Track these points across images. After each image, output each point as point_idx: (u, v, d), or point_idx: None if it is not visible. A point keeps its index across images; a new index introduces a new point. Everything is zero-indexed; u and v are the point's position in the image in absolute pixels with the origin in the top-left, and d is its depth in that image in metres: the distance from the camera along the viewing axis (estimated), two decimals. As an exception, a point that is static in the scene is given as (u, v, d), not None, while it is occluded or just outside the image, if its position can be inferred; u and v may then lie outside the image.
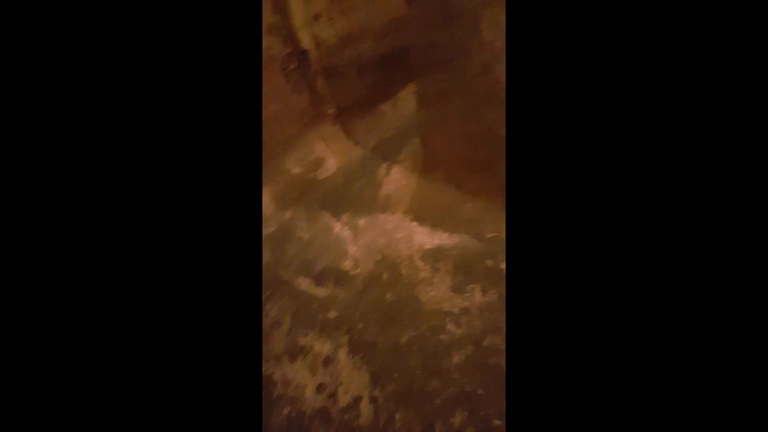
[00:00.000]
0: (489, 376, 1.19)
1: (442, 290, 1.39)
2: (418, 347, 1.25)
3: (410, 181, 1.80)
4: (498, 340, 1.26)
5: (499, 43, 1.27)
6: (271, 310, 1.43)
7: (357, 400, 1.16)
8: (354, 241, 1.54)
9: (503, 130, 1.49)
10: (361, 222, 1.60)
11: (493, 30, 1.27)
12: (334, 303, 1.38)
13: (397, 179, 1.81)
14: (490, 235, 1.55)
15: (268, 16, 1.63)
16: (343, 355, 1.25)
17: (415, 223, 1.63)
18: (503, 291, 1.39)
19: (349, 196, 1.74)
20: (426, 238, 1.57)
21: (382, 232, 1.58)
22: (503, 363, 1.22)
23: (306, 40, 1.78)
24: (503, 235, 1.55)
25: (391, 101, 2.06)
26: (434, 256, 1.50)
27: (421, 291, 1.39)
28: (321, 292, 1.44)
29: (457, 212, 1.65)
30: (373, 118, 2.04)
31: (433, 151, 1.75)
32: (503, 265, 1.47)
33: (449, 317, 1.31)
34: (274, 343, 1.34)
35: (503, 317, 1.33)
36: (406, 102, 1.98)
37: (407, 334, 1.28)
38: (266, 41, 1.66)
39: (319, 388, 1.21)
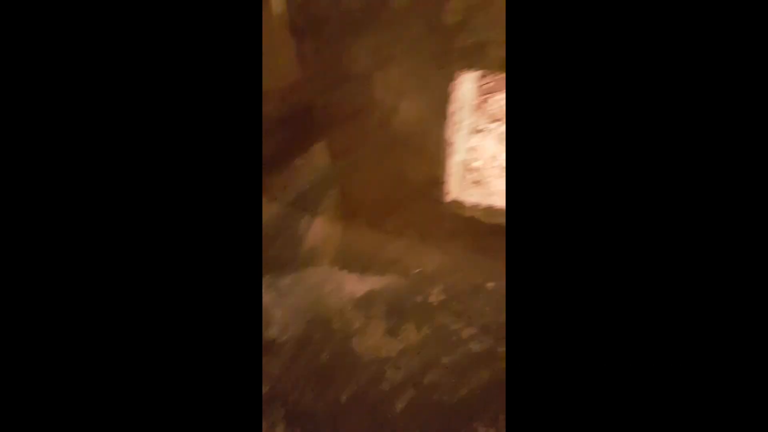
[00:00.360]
0: (433, 415, 1.19)
1: (378, 337, 1.38)
2: (360, 403, 1.20)
3: (334, 230, 1.82)
4: (437, 376, 1.28)
5: (389, 101, 1.42)
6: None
7: (302, 481, 1.06)
8: (279, 304, 1.47)
9: (409, 174, 1.62)
10: (286, 282, 1.55)
11: (384, 90, 1.42)
12: (264, 377, 1.27)
13: (320, 230, 1.81)
14: (415, 271, 1.61)
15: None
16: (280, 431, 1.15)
17: (344, 271, 1.63)
18: (435, 324, 1.44)
19: (268, 255, 1.69)
20: (356, 285, 1.57)
21: (309, 288, 1.55)
22: (445, 398, 1.23)
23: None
24: (427, 269, 1.62)
25: (304, 156, 2.10)
26: (366, 302, 1.50)
27: (356, 343, 1.36)
28: (248, 367, 1.32)
29: (382, 253, 1.69)
30: (288, 174, 2.05)
31: (351, 198, 1.81)
32: (431, 298, 1.52)
33: (387, 363, 1.30)
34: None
35: (440, 350, 1.36)
36: (319, 155, 2.04)
37: (347, 391, 1.23)
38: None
39: (257, 480, 1.07)
